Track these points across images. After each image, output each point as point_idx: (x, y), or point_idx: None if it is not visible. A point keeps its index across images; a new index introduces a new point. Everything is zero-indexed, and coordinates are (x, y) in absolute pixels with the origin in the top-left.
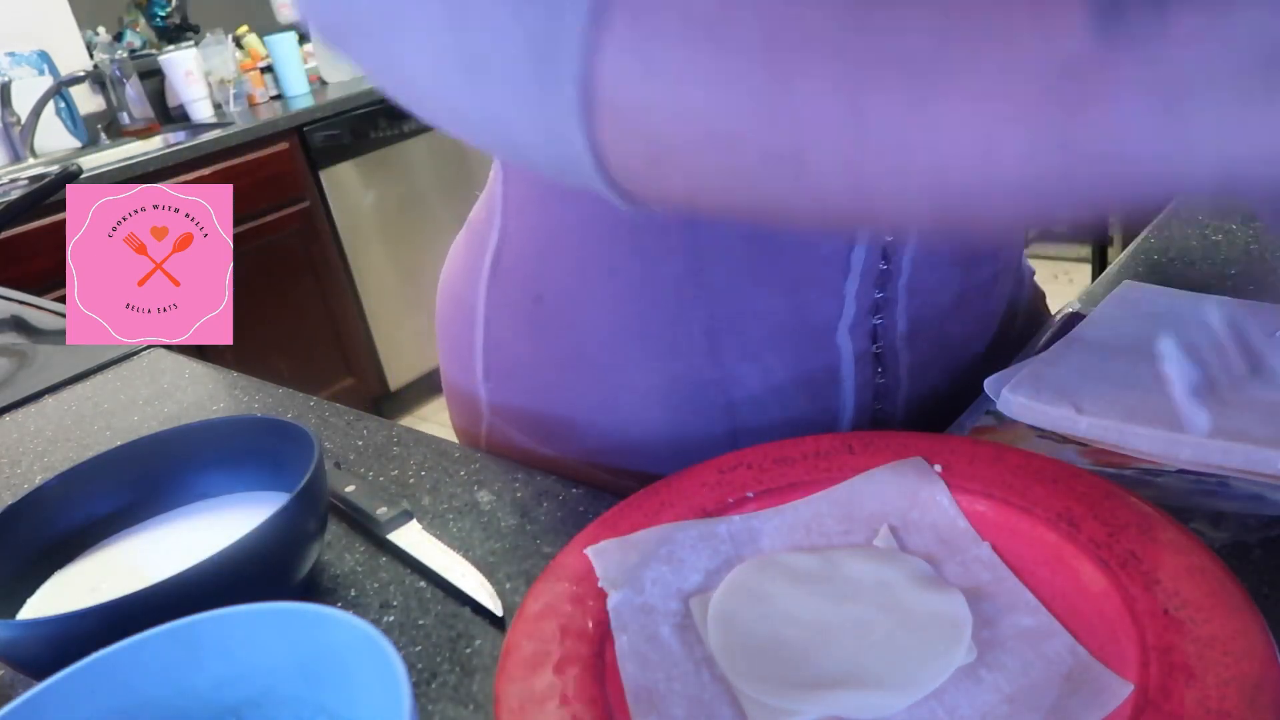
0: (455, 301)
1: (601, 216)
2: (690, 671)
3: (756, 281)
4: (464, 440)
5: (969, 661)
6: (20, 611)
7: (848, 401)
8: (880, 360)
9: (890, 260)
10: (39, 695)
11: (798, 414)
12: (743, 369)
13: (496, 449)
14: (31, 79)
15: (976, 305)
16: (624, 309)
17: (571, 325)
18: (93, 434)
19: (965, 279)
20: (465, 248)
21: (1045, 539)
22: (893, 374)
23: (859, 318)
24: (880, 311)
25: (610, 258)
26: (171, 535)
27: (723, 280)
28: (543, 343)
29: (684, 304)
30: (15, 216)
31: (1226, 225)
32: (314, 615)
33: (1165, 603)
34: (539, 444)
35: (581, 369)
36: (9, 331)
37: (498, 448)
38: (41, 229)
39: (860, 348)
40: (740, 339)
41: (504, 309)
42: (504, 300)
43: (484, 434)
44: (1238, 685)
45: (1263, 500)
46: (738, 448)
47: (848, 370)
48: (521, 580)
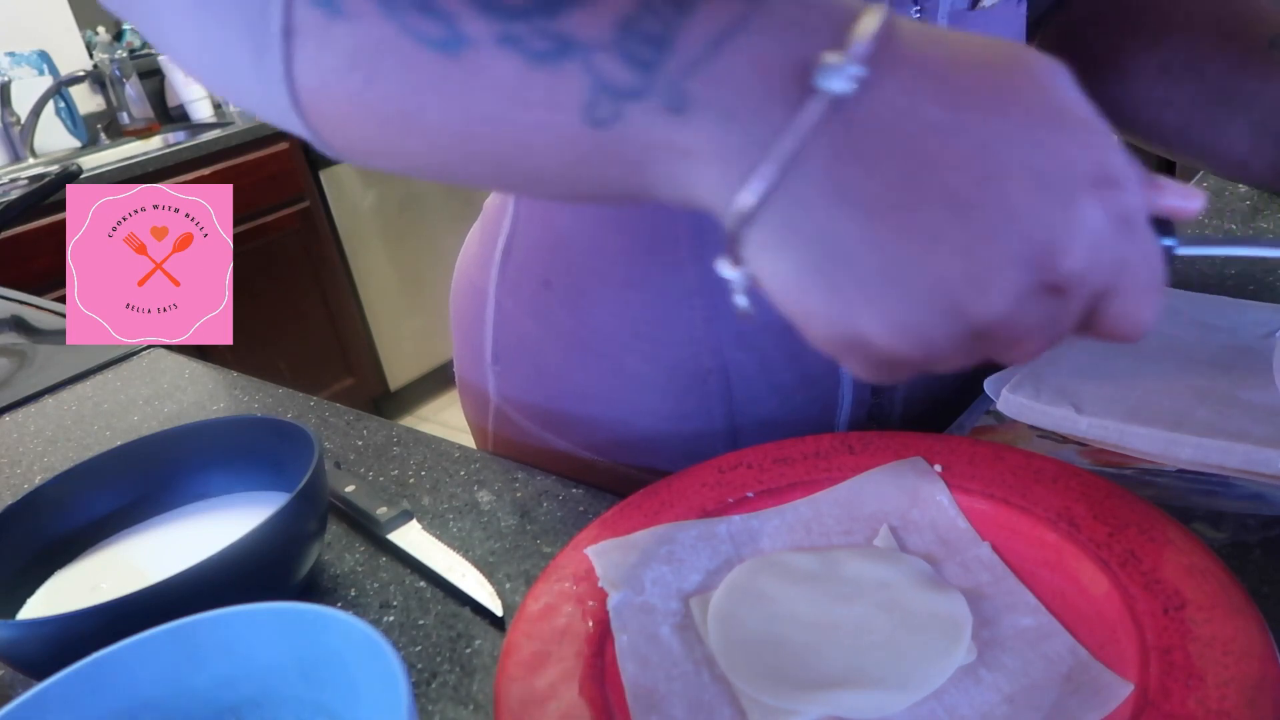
0: (468, 287)
1: (608, 210)
2: (690, 671)
3: None
4: (475, 433)
5: (969, 661)
6: (20, 611)
7: (846, 394)
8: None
9: None
10: (39, 695)
11: (796, 407)
12: (741, 359)
13: (503, 439)
14: (31, 79)
15: None
16: (627, 297)
17: (576, 311)
18: (93, 434)
19: None
20: (479, 235)
21: (1045, 539)
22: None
23: None
24: None
25: (615, 249)
26: (171, 535)
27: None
28: (549, 326)
29: (685, 294)
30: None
31: (1226, 225)
32: (314, 615)
33: (1165, 603)
34: (543, 431)
35: (585, 355)
36: (9, 331)
37: (504, 438)
38: (41, 229)
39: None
40: (739, 329)
41: (513, 293)
42: (514, 284)
43: (491, 423)
44: (1238, 685)
45: (1263, 500)
46: (737, 442)
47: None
48: (521, 580)
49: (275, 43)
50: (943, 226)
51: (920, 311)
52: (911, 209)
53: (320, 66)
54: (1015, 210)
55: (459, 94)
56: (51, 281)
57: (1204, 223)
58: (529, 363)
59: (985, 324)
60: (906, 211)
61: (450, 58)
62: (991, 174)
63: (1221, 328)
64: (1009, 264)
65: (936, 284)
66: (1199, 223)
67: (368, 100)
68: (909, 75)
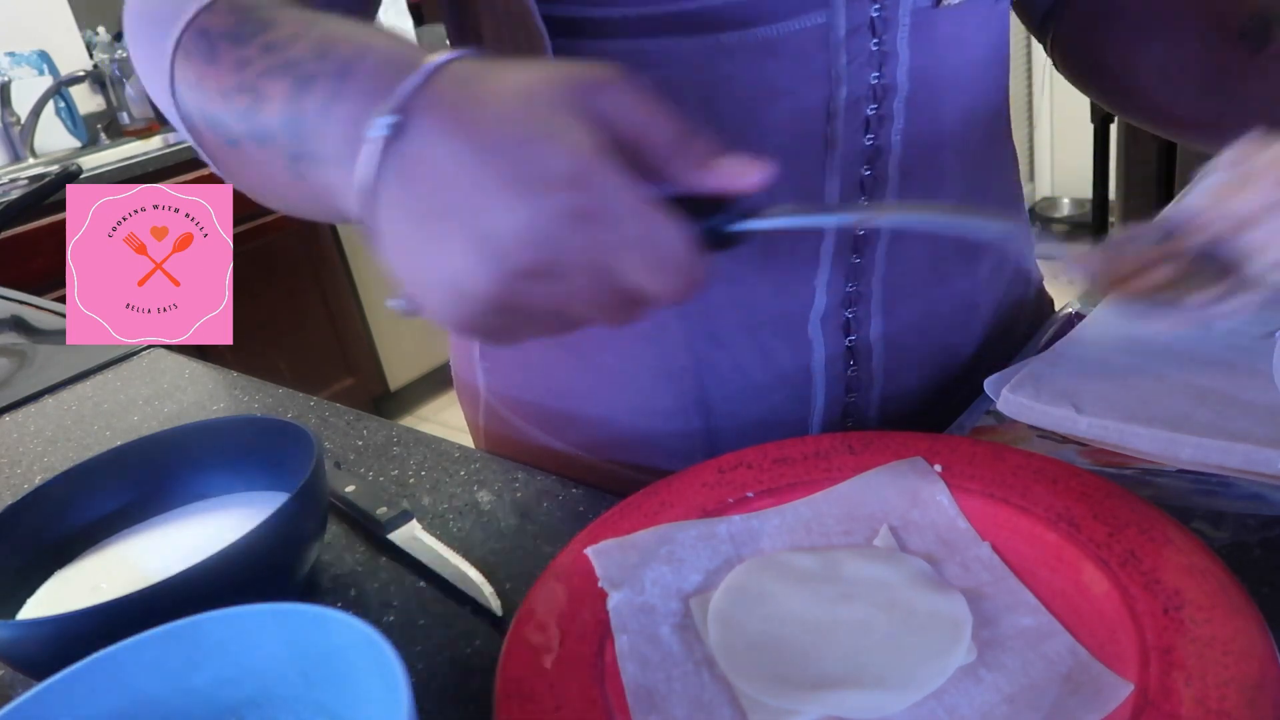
0: None
1: None
2: (690, 671)
3: (726, 272)
4: (470, 429)
5: (969, 661)
6: (20, 611)
7: (819, 394)
8: (854, 355)
9: (863, 254)
10: (39, 695)
11: (771, 407)
12: (713, 357)
13: (495, 435)
14: (31, 79)
15: (959, 307)
16: None
17: None
18: (93, 434)
19: (943, 282)
20: None
21: (1045, 539)
22: (866, 370)
23: (830, 310)
24: (854, 305)
25: None
26: (171, 535)
27: None
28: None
29: None
30: (15, 216)
31: None
32: (314, 615)
33: (1165, 603)
34: (531, 427)
35: (563, 350)
36: (9, 331)
37: (495, 434)
38: (41, 229)
39: (832, 341)
40: (712, 327)
41: None
42: None
43: (482, 420)
44: (1238, 685)
45: (1263, 500)
46: (715, 442)
47: (819, 363)
48: (521, 580)
49: (167, 65)
50: (448, 229)
51: (450, 287)
52: (433, 218)
53: (186, 103)
54: (486, 214)
55: (246, 167)
56: (51, 281)
57: None
58: (514, 358)
59: (501, 299)
60: (431, 219)
61: (233, 148)
62: (472, 186)
63: (1221, 328)
64: (491, 256)
65: (450, 276)
66: None
67: (204, 143)
68: (437, 115)
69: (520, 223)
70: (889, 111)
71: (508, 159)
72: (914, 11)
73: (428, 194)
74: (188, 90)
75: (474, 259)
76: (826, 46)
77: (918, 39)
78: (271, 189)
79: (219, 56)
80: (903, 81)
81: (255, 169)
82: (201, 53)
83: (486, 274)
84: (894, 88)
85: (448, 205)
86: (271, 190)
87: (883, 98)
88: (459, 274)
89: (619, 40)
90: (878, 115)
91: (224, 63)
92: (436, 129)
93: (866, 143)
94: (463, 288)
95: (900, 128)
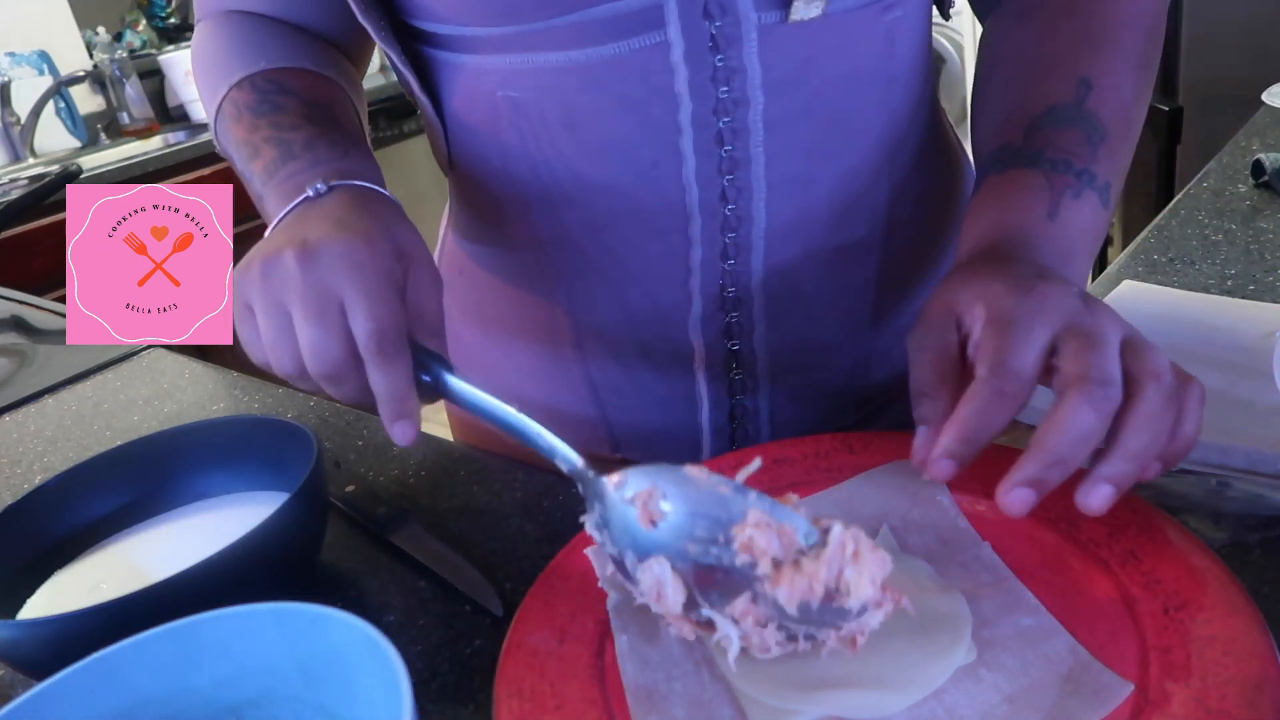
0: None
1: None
2: (690, 671)
3: (599, 273)
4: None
5: (969, 661)
6: (20, 611)
7: (703, 392)
8: (737, 358)
9: (737, 259)
10: (39, 695)
11: (657, 401)
12: (597, 347)
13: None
14: (31, 79)
15: (837, 312)
16: (501, 289)
17: (473, 290)
18: (93, 434)
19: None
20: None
21: (1045, 539)
22: (750, 374)
23: (708, 313)
24: (735, 311)
25: (487, 240)
26: (171, 535)
27: (571, 268)
28: (462, 308)
29: (544, 286)
30: (15, 216)
31: (1227, 225)
32: (314, 615)
33: (1165, 603)
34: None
35: (478, 333)
36: (9, 331)
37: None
38: (41, 229)
39: (712, 342)
40: (594, 322)
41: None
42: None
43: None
44: (1238, 685)
45: (1263, 500)
46: (614, 435)
47: (700, 363)
48: (521, 580)
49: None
50: (274, 242)
51: (244, 267)
52: (277, 234)
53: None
54: (251, 300)
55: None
56: (51, 281)
57: (1204, 222)
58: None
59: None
60: (276, 234)
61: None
62: (257, 264)
63: (1221, 328)
64: (262, 257)
65: (250, 259)
66: (1199, 223)
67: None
68: (329, 205)
69: (291, 260)
70: (744, 125)
71: (281, 269)
72: (760, 27)
73: (285, 228)
74: (222, 127)
75: (262, 254)
76: (667, 63)
77: (771, 53)
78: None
79: (242, 118)
80: (755, 95)
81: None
82: (232, 114)
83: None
84: (745, 101)
85: (288, 237)
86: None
87: (734, 111)
88: (254, 254)
89: (481, 56)
90: (731, 128)
91: (243, 123)
92: (318, 212)
93: (723, 154)
94: (250, 263)
95: (760, 140)
